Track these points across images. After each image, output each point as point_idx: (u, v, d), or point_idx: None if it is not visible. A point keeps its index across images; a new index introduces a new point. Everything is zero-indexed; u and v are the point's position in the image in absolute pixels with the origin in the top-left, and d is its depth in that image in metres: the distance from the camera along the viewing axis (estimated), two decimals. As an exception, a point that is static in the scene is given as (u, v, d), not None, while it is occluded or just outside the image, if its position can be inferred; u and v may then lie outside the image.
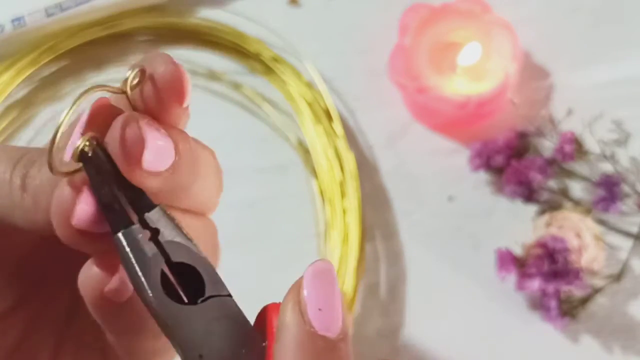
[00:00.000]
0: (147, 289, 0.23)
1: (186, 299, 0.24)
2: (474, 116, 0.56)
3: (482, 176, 0.56)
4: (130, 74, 0.25)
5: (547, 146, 0.56)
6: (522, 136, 0.56)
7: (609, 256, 0.54)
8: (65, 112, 0.24)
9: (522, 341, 0.54)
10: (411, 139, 0.58)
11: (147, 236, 0.24)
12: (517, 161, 0.55)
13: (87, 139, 0.24)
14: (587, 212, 0.54)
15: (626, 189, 0.55)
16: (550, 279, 0.52)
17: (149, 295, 0.23)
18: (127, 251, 0.23)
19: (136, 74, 0.25)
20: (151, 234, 0.24)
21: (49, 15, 0.59)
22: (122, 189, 0.24)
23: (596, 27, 0.60)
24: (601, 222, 0.55)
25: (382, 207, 0.57)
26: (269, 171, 0.58)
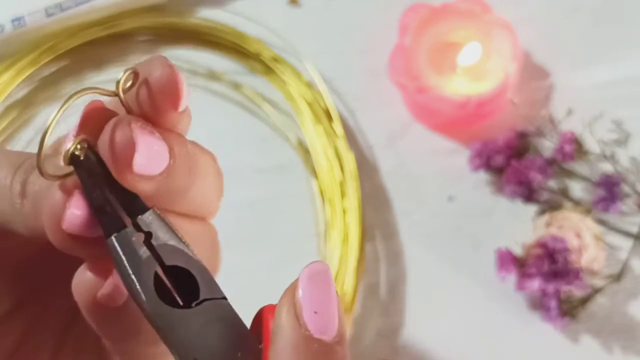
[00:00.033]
0: (141, 293, 0.23)
1: (181, 302, 0.24)
2: (474, 116, 0.56)
3: (482, 176, 0.56)
4: (122, 77, 0.24)
5: (547, 146, 0.56)
6: (522, 136, 0.56)
7: (609, 256, 0.54)
8: (53, 115, 0.23)
9: (522, 341, 0.53)
10: (411, 139, 0.58)
11: (140, 239, 0.24)
12: (517, 161, 0.55)
13: (77, 142, 0.24)
14: (587, 212, 0.54)
15: (626, 189, 0.55)
16: (550, 279, 0.52)
17: (143, 298, 0.23)
18: (120, 254, 0.23)
19: (128, 77, 0.24)
20: (144, 237, 0.24)
21: (49, 15, 0.59)
22: (114, 192, 0.24)
23: (596, 27, 0.60)
24: (601, 222, 0.54)
25: (382, 207, 0.57)
26: (269, 171, 0.58)
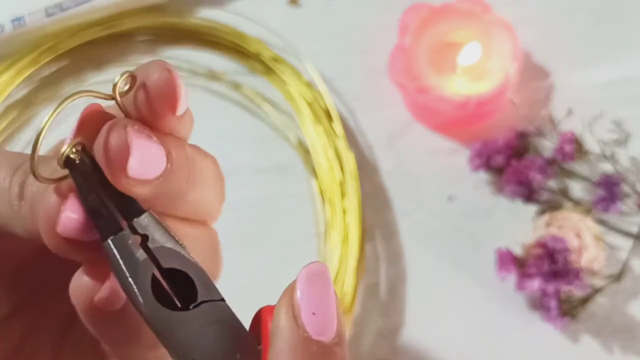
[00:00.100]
0: (138, 295, 0.23)
1: (179, 305, 0.23)
2: (474, 116, 0.56)
3: (482, 176, 0.56)
4: (118, 80, 0.24)
5: (547, 146, 0.56)
6: (522, 136, 0.56)
7: (609, 256, 0.54)
8: (47, 117, 0.23)
9: (522, 341, 0.53)
10: (411, 139, 0.58)
11: (137, 241, 0.23)
12: (517, 161, 0.55)
13: (73, 145, 0.24)
14: (587, 212, 0.54)
15: (626, 189, 0.55)
16: (550, 279, 0.52)
17: (140, 301, 0.23)
18: (117, 257, 0.23)
19: (125, 80, 0.24)
20: (141, 240, 0.24)
21: (49, 15, 0.59)
22: (110, 195, 0.24)
23: (596, 27, 0.60)
24: (601, 222, 0.54)
25: (382, 207, 0.57)
26: (269, 171, 0.58)
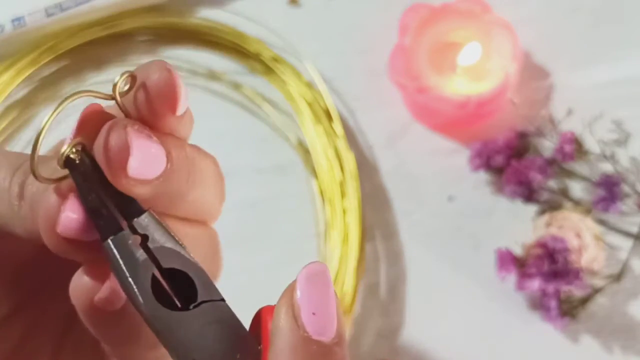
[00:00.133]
0: (138, 295, 0.23)
1: (179, 305, 0.24)
2: (474, 116, 0.56)
3: (482, 176, 0.56)
4: (118, 80, 0.24)
5: (547, 146, 0.56)
6: (522, 136, 0.56)
7: (609, 256, 0.54)
8: (47, 117, 0.23)
9: (522, 341, 0.53)
10: (411, 139, 0.58)
11: (137, 241, 0.24)
12: (517, 161, 0.55)
13: (72, 145, 0.24)
14: (587, 212, 0.54)
15: (626, 189, 0.55)
16: (550, 279, 0.52)
17: (140, 301, 0.23)
18: (117, 257, 0.23)
19: (125, 80, 0.24)
20: (141, 240, 0.24)
21: (49, 15, 0.59)
22: (110, 195, 0.24)
23: (596, 27, 0.60)
24: (601, 222, 0.54)
25: (382, 207, 0.57)
26: (269, 171, 0.58)
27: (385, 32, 0.58)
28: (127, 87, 0.24)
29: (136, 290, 0.23)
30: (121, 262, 0.23)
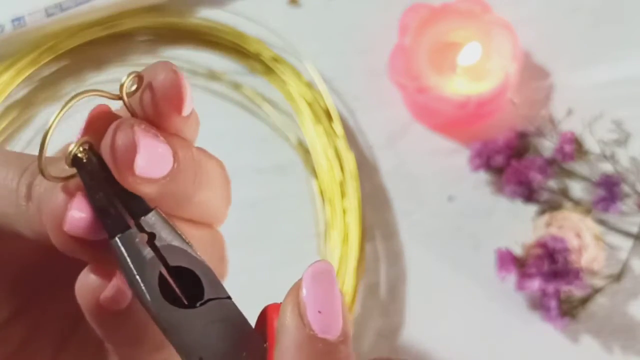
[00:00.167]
0: (146, 293, 0.23)
1: (185, 302, 0.24)
2: (474, 116, 0.56)
3: (482, 176, 0.56)
4: (125, 80, 0.24)
5: (547, 146, 0.56)
6: (522, 136, 0.56)
7: (609, 256, 0.54)
8: (54, 116, 0.23)
9: (522, 341, 0.53)
10: (411, 139, 0.58)
11: (144, 240, 0.24)
12: (517, 161, 0.55)
13: (80, 143, 0.24)
14: (587, 212, 0.54)
15: (626, 189, 0.55)
16: (550, 279, 0.52)
17: (148, 299, 0.23)
18: (125, 255, 0.23)
19: (132, 80, 0.24)
20: (148, 238, 0.24)
21: (49, 15, 0.59)
22: (117, 194, 0.24)
23: (596, 27, 0.60)
24: (601, 222, 0.55)
25: (382, 207, 0.57)
26: (269, 171, 0.58)
27: (385, 32, 0.58)
28: (134, 88, 0.25)
29: (143, 287, 0.23)
30: (128, 260, 0.23)
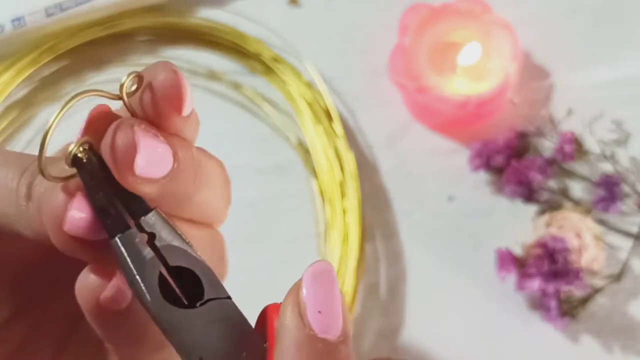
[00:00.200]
0: (146, 293, 0.23)
1: (186, 302, 0.24)
2: (474, 116, 0.56)
3: (482, 176, 0.56)
4: (125, 80, 0.24)
5: (547, 146, 0.56)
6: (522, 136, 0.56)
7: (609, 256, 0.54)
8: (54, 115, 0.23)
9: (522, 341, 0.53)
10: (411, 139, 0.58)
11: (144, 240, 0.24)
12: (517, 161, 0.55)
13: (80, 143, 0.24)
14: (587, 212, 0.54)
15: (626, 189, 0.55)
16: (550, 279, 0.52)
17: (148, 299, 0.23)
18: (125, 255, 0.23)
19: (132, 80, 0.24)
20: (148, 238, 0.24)
21: (49, 15, 0.59)
22: (117, 194, 0.24)
23: (596, 27, 0.60)
24: (601, 222, 0.55)
25: (382, 207, 0.57)
26: (269, 171, 0.58)
27: (385, 32, 0.58)
28: (134, 88, 0.25)
29: (143, 287, 0.23)
30: (128, 260, 0.23)
